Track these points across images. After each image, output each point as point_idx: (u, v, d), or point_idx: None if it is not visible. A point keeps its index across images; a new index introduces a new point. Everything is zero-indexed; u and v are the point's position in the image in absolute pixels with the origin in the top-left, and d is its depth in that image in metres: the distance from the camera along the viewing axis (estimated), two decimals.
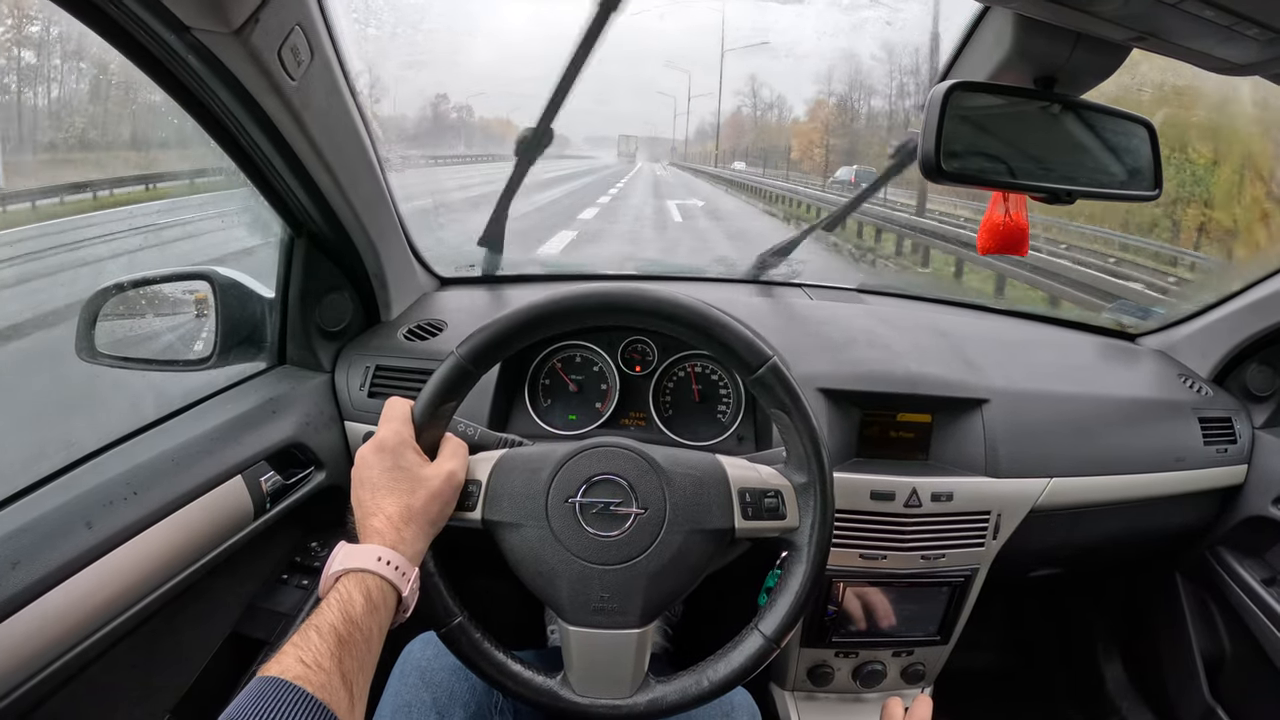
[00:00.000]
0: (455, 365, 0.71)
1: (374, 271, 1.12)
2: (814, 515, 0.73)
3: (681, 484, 0.72)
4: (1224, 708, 1.29)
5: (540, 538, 0.70)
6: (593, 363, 1.10)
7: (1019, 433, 1.07)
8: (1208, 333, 1.30)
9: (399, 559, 0.62)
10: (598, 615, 0.70)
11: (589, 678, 0.71)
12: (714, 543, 0.72)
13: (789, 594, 0.73)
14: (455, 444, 0.73)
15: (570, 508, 0.70)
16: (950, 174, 0.77)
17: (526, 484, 0.71)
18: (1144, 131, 0.85)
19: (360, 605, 0.58)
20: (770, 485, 0.74)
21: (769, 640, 0.72)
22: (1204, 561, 1.29)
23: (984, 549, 1.06)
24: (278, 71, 0.77)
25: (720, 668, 0.73)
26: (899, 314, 1.32)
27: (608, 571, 0.69)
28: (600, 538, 0.70)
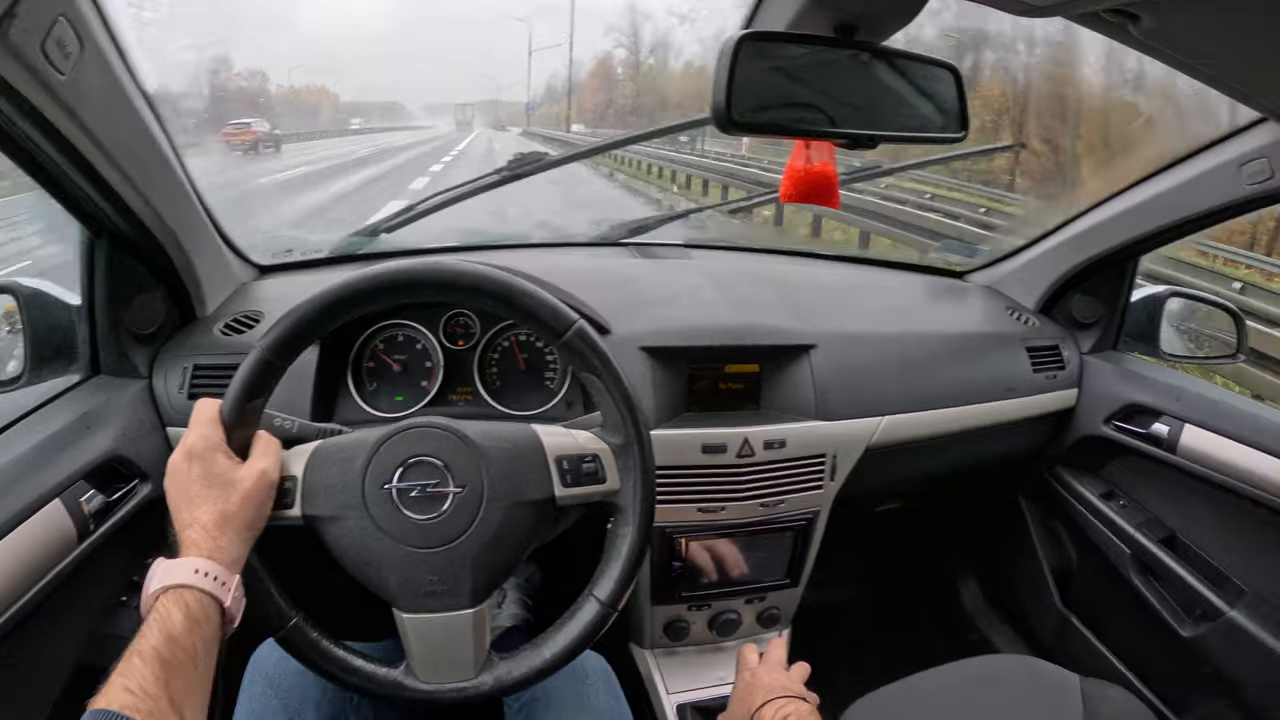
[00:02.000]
0: (258, 360, 0.69)
1: (182, 267, 1.06)
2: (635, 476, 0.74)
3: (497, 457, 0.71)
4: (1076, 615, 1.38)
5: (362, 528, 0.68)
6: (415, 340, 1.08)
7: (848, 375, 1.10)
8: (1032, 267, 1.35)
9: (216, 568, 0.60)
10: (429, 599, 0.69)
11: (431, 663, 0.71)
12: (537, 514, 0.72)
13: (619, 557, 0.74)
14: (267, 441, 0.70)
15: (387, 494, 0.69)
16: (742, 124, 0.76)
17: (342, 474, 0.69)
18: (949, 76, 0.86)
19: (180, 623, 0.56)
20: (587, 450, 0.74)
21: (605, 605, 0.73)
22: (1045, 482, 1.36)
23: (823, 491, 1.09)
24: (44, 67, 0.71)
25: (560, 639, 0.73)
26: (726, 267, 1.33)
27: (433, 554, 0.68)
28: (421, 521, 0.69)
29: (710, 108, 0.77)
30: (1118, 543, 1.25)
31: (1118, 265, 1.31)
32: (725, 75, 0.74)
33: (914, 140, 0.92)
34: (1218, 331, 1.38)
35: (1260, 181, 1.00)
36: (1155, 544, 1.20)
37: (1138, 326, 1.36)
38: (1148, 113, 2.01)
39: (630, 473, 0.74)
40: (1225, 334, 1.35)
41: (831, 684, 0.95)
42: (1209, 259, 6.83)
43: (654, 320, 1.06)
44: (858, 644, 1.36)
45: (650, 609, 1.11)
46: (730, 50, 0.74)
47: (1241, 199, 1.04)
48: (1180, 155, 1.14)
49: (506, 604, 1.29)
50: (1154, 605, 1.19)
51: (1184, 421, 1.17)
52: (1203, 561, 1.17)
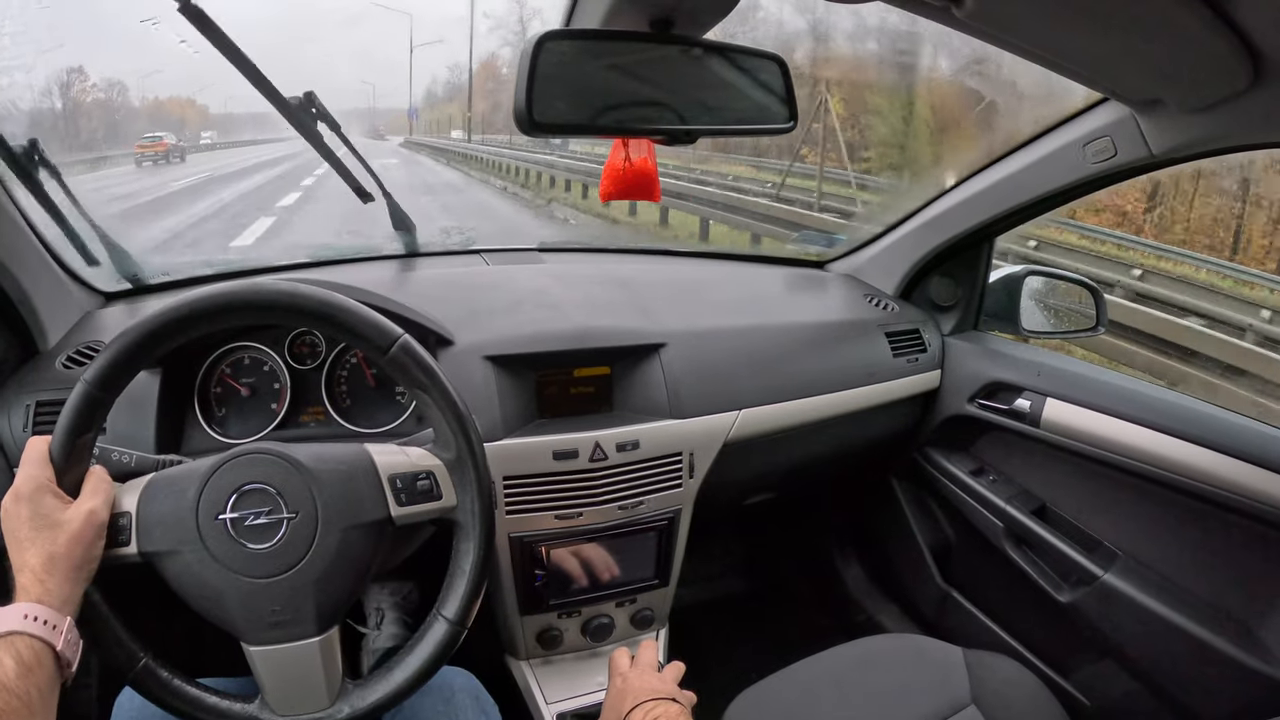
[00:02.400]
0: (83, 394, 0.66)
1: (18, 299, 1.00)
2: (471, 490, 0.73)
3: (329, 480, 0.69)
4: (957, 590, 1.42)
5: (199, 560, 0.66)
6: (262, 363, 1.04)
7: (701, 371, 1.10)
8: (889, 253, 1.39)
9: (46, 612, 0.59)
10: (274, 630, 0.67)
11: (284, 696, 0.69)
12: (374, 535, 0.70)
13: (462, 574, 0.73)
14: (98, 480, 0.67)
15: (222, 524, 0.67)
16: (544, 126, 0.75)
17: (175, 507, 0.67)
18: (775, 66, 0.86)
19: (12, 670, 0.55)
20: (421, 467, 0.73)
21: (453, 623, 0.72)
22: (916, 463, 1.40)
23: (682, 489, 1.09)
24: None
25: (411, 660, 0.72)
26: (577, 269, 1.33)
27: (273, 583, 0.67)
28: (258, 550, 0.67)
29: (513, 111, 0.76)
30: (990, 517, 1.29)
31: (973, 247, 1.35)
32: (526, 77, 0.73)
33: (743, 133, 0.93)
34: (1077, 306, 1.44)
35: (1104, 160, 1.04)
36: (1027, 515, 1.24)
37: (997, 306, 1.41)
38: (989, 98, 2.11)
39: (466, 487, 0.73)
40: (1085, 308, 1.42)
41: (719, 678, 0.95)
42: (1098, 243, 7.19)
43: (499, 328, 1.04)
44: (744, 636, 1.37)
45: (520, 620, 1.09)
46: (530, 51, 0.73)
47: (1087, 177, 1.08)
48: (1026, 137, 1.18)
49: (385, 624, 1.26)
50: (1031, 575, 1.23)
51: (1045, 395, 1.22)
52: (1074, 529, 1.21)
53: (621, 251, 1.46)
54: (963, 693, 0.94)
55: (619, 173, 0.89)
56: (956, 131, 5.23)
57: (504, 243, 1.29)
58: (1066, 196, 1.18)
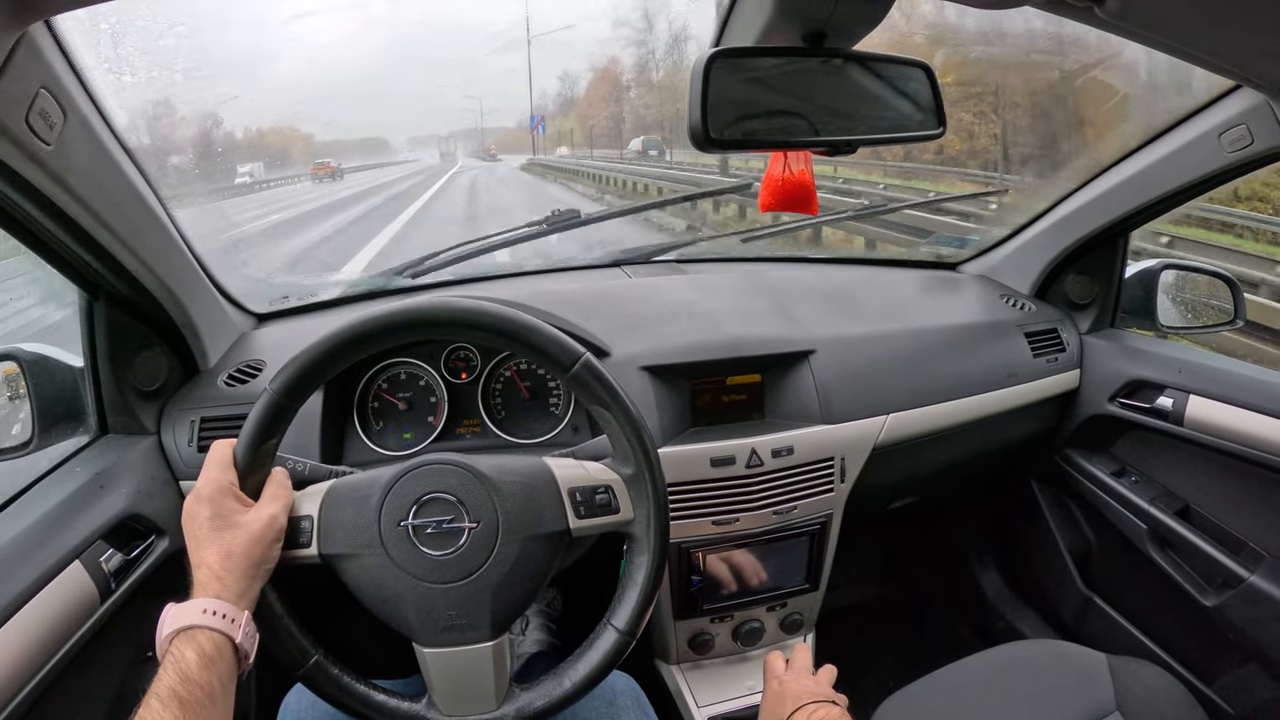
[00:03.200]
0: (269, 402, 0.69)
1: (181, 322, 1.08)
2: (648, 504, 0.74)
3: (511, 492, 0.71)
4: (1098, 595, 1.38)
5: (379, 564, 0.69)
6: (418, 377, 1.09)
7: (849, 377, 1.11)
8: (1023, 252, 1.36)
9: (224, 606, 0.62)
10: (449, 634, 0.69)
11: (452, 697, 0.71)
12: (552, 546, 0.72)
13: (635, 586, 0.74)
14: (278, 485, 0.71)
15: (403, 531, 0.69)
16: (720, 142, 0.77)
17: (357, 513, 0.70)
18: (922, 74, 0.87)
19: (194, 662, 0.58)
20: (600, 481, 0.74)
21: (623, 634, 0.73)
22: (1055, 465, 1.36)
23: (834, 494, 1.10)
24: (29, 139, 0.73)
25: (580, 668, 0.73)
26: (719, 279, 1.34)
27: (451, 589, 0.69)
28: (438, 557, 0.69)
29: (687, 128, 0.78)
30: (1133, 519, 1.25)
31: (1108, 243, 1.31)
32: (699, 95, 0.75)
33: (893, 141, 0.93)
34: (1214, 300, 1.38)
35: (1241, 148, 1.00)
36: (1170, 517, 1.20)
37: (1134, 302, 1.37)
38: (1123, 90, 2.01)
39: (643, 502, 0.74)
40: (1222, 301, 1.36)
41: (861, 683, 0.95)
42: None
43: (652, 339, 1.06)
44: (885, 641, 1.36)
45: (674, 624, 1.11)
46: (702, 70, 0.75)
47: (1224, 167, 1.05)
48: (1160, 129, 1.14)
49: (530, 630, 1.29)
50: (1174, 578, 1.19)
51: (1189, 393, 1.18)
52: (1219, 530, 1.17)
53: (757, 260, 1.46)
54: (1107, 699, 0.91)
55: (778, 184, 0.90)
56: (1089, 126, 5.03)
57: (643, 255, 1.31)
58: (1203, 187, 1.14)
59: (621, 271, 1.35)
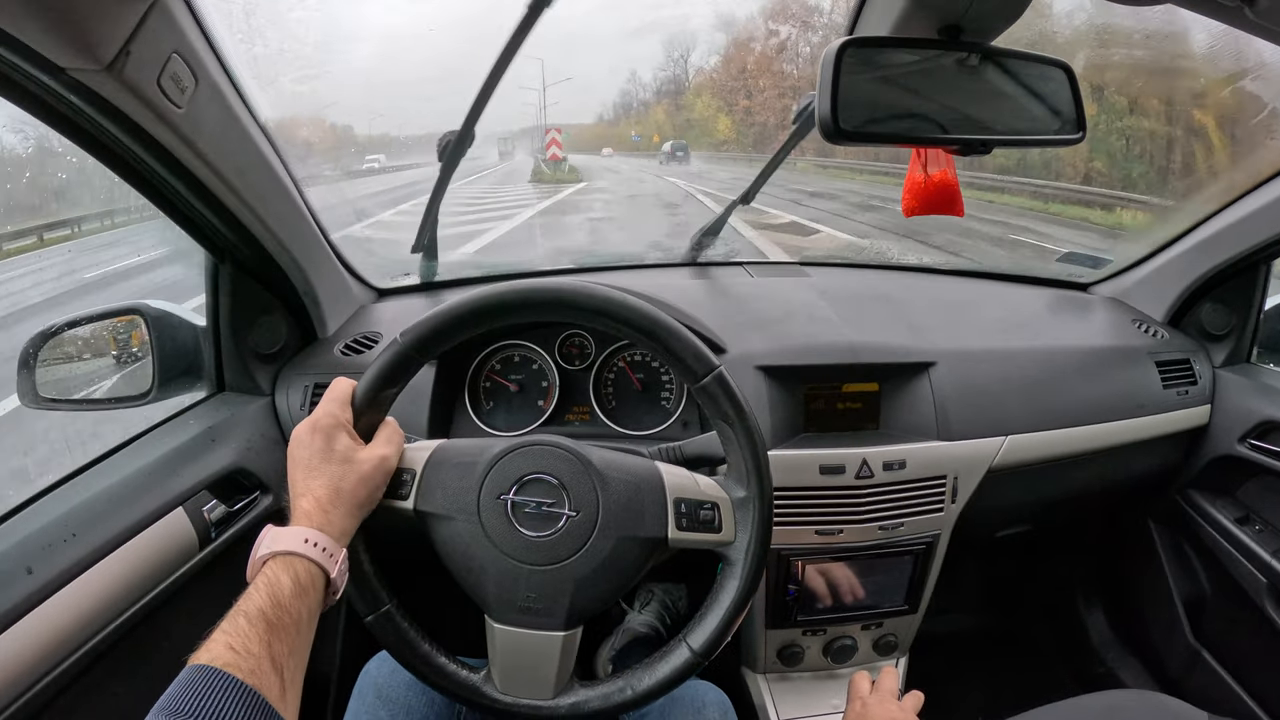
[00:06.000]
0: (398, 351, 0.70)
1: (304, 290, 1.10)
2: (750, 531, 0.71)
3: (616, 488, 0.70)
4: (1208, 649, 1.29)
5: (470, 532, 0.69)
6: (531, 361, 1.09)
7: (969, 393, 1.06)
8: (1158, 276, 1.28)
9: (326, 540, 0.62)
10: (523, 615, 0.69)
11: (512, 676, 0.71)
12: (646, 550, 0.70)
13: (719, 608, 0.71)
14: (391, 430, 0.71)
15: (502, 504, 0.69)
16: (849, 134, 0.74)
17: (460, 477, 0.70)
18: (1062, 74, 0.82)
19: (288, 588, 0.58)
20: (708, 497, 0.72)
21: (696, 655, 0.71)
22: (1176, 505, 1.28)
23: (943, 514, 1.05)
24: (161, 102, 0.76)
25: (645, 678, 0.71)
26: (841, 284, 1.30)
27: (535, 572, 0.68)
28: (530, 537, 0.68)
29: (816, 119, 0.75)
30: (1254, 571, 1.16)
31: (1249, 271, 1.23)
32: (829, 85, 0.72)
33: (1029, 144, 0.88)
34: None
35: None
36: None
37: (1273, 337, 1.28)
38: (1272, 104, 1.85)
39: (747, 527, 0.72)
40: None
41: (949, 715, 0.90)
42: None
43: (770, 339, 1.04)
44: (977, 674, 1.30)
45: (765, 633, 1.08)
46: (832, 58, 0.72)
47: None
48: None
49: (645, 611, 1.27)
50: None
51: None
52: None
53: (882, 268, 1.42)
54: None
55: (919, 187, 0.86)
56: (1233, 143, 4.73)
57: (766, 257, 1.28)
58: None
59: (744, 270, 1.33)
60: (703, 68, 30.79)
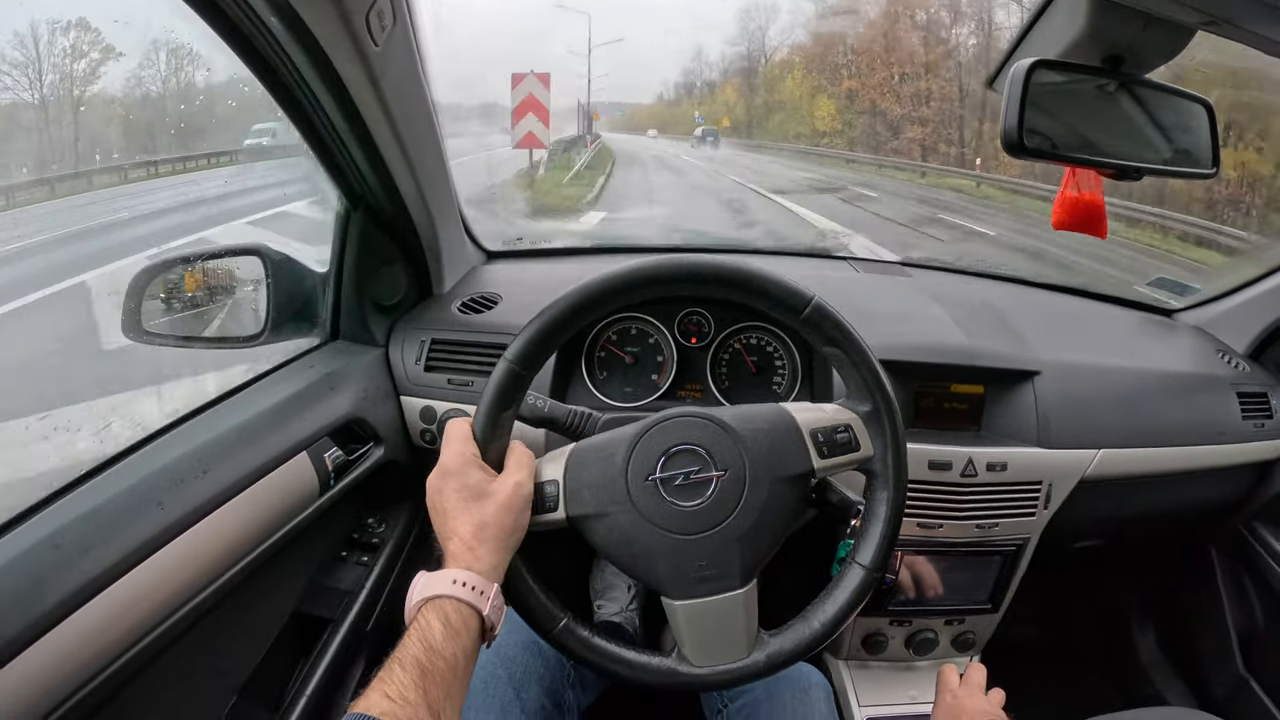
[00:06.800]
0: (507, 372, 0.70)
1: (429, 245, 1.12)
2: (886, 438, 0.74)
3: (754, 438, 0.71)
4: (1257, 680, 1.32)
5: (629, 521, 0.69)
6: (648, 335, 1.11)
7: (1069, 404, 1.09)
8: (1245, 309, 1.32)
9: (475, 578, 0.61)
10: (701, 584, 0.69)
11: (704, 647, 0.71)
12: (797, 489, 0.72)
13: (878, 520, 0.73)
14: (521, 453, 0.71)
15: (652, 485, 0.69)
16: (1031, 150, 0.78)
17: (603, 472, 0.70)
18: (1202, 111, 0.86)
19: (440, 632, 0.58)
20: (839, 420, 0.74)
21: (870, 570, 0.73)
22: (1240, 536, 1.31)
23: (1035, 519, 1.09)
24: (363, 35, 0.76)
25: (828, 607, 0.73)
26: (946, 288, 1.34)
27: (701, 539, 0.69)
28: (687, 508, 0.69)
29: (1001, 133, 0.78)
30: None
31: None
32: (1018, 101, 0.76)
33: (1168, 174, 0.92)
34: None
35: None
36: None
37: None
38: None
39: (880, 436, 0.74)
40: None
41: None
42: None
43: (886, 334, 1.07)
44: (1033, 679, 1.33)
45: (854, 619, 1.10)
46: (1022, 76, 0.75)
47: None
48: None
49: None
50: None
51: None
52: None
53: (980, 275, 1.46)
54: None
55: (1072, 203, 0.89)
56: None
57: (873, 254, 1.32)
58: None
59: (849, 265, 1.36)
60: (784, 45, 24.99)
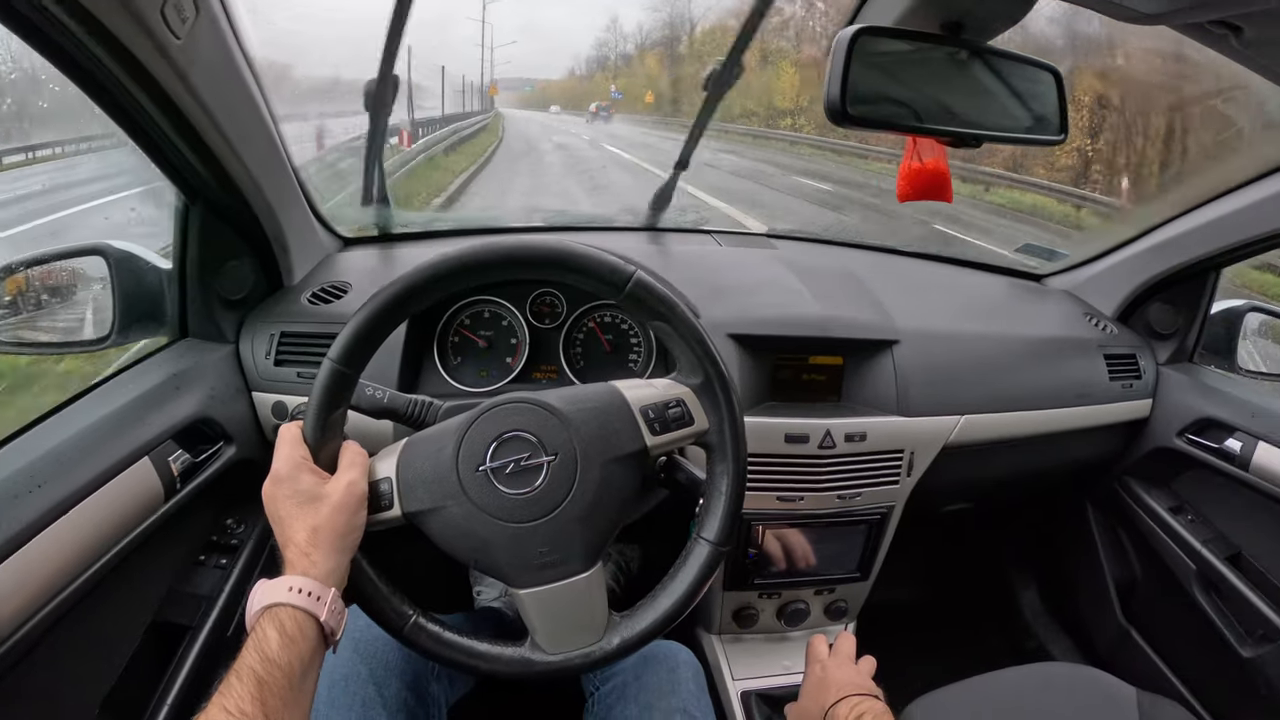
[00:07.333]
0: (331, 372, 0.68)
1: (274, 236, 1.08)
2: (721, 411, 0.73)
3: (583, 420, 0.70)
4: (1137, 629, 1.36)
5: (464, 514, 0.68)
6: (502, 317, 1.09)
7: (930, 372, 1.10)
8: (1112, 273, 1.34)
9: (311, 584, 0.60)
10: (544, 571, 0.69)
11: (556, 634, 0.71)
12: (633, 468, 0.71)
13: (719, 494, 0.73)
14: (353, 453, 0.70)
15: (483, 475, 0.68)
16: (855, 118, 0.76)
17: (435, 466, 0.69)
18: (1050, 78, 0.86)
19: (276, 641, 0.57)
20: (670, 396, 0.73)
21: (714, 544, 0.72)
22: (1113, 492, 1.35)
23: (898, 487, 1.09)
24: (161, 30, 0.73)
25: (675, 586, 0.73)
26: (809, 258, 1.33)
27: (539, 525, 0.68)
28: (520, 496, 0.68)
29: (825, 102, 0.77)
30: (1183, 558, 1.23)
31: (1199, 276, 1.29)
32: (840, 69, 0.74)
33: (1013, 141, 0.92)
34: None
35: None
36: (1221, 561, 1.18)
37: (1215, 340, 1.34)
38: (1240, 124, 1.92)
39: (717, 409, 0.73)
40: None
41: (889, 681, 0.94)
42: None
43: (741, 308, 1.06)
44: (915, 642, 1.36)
45: (722, 594, 1.11)
46: (845, 44, 0.74)
47: None
48: (1272, 167, 1.11)
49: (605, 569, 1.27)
50: (1215, 623, 1.17)
51: (1258, 439, 1.15)
52: (1268, 582, 1.15)
53: (849, 245, 1.45)
54: None
55: (914, 174, 0.89)
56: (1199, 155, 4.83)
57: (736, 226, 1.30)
58: None
59: (712, 239, 1.35)
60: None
